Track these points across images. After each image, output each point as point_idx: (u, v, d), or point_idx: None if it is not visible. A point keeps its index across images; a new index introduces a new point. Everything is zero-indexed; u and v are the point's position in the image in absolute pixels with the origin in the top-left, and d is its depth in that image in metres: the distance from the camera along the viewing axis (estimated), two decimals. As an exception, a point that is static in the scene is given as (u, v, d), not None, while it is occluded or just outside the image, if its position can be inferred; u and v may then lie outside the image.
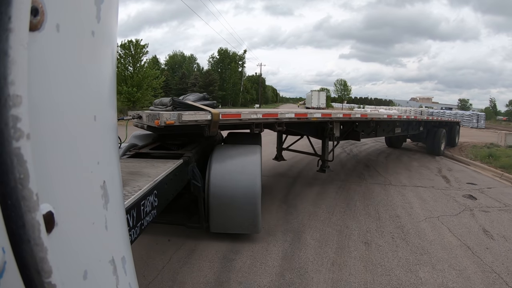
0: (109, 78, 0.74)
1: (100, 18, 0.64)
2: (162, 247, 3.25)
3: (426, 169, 7.53)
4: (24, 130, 0.40)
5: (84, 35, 0.60)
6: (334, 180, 6.00)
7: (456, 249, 3.32)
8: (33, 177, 0.41)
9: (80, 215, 0.58)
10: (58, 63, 0.52)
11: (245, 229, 3.37)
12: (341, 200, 4.85)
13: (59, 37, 0.51)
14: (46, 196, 0.46)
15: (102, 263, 0.64)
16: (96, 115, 0.65)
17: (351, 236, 3.55)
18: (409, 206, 4.63)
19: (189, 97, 3.71)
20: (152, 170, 2.40)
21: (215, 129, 3.14)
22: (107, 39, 0.71)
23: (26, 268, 0.40)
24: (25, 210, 0.39)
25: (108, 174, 0.71)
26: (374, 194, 5.19)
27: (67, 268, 0.51)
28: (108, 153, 0.73)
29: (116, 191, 0.75)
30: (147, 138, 3.98)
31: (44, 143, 0.48)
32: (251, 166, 3.30)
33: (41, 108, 0.48)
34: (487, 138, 16.01)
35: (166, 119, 2.68)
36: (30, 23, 0.42)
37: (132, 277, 0.77)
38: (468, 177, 6.88)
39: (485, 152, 9.70)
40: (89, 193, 0.62)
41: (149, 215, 1.93)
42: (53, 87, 0.51)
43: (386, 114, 6.65)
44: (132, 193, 1.77)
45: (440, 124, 10.80)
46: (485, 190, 5.82)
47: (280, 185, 5.62)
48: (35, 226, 0.41)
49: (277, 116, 4.06)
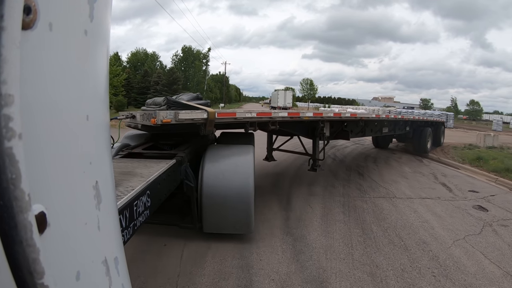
0: (102, 77, 0.74)
1: (93, 17, 0.64)
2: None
3: (421, 175, 7.36)
4: (16, 130, 0.39)
5: (77, 34, 0.60)
6: (333, 195, 5.36)
7: (502, 281, 2.96)
8: (25, 178, 0.40)
9: (73, 215, 0.57)
10: (50, 62, 0.52)
11: (238, 229, 3.37)
12: (353, 223, 4.15)
13: (52, 36, 0.51)
14: (38, 196, 0.46)
15: (95, 264, 0.63)
16: (89, 114, 0.65)
17: (388, 281, 2.88)
18: (429, 225, 4.18)
19: (183, 96, 3.70)
20: (145, 170, 2.39)
21: (211, 128, 3.14)
22: (100, 38, 0.70)
23: (18, 269, 0.39)
24: (17, 211, 0.39)
25: (101, 174, 0.70)
26: (384, 212, 4.62)
27: (60, 269, 0.51)
28: (100, 153, 0.72)
29: (109, 191, 0.75)
30: (139, 138, 3.94)
31: (37, 143, 0.48)
32: (244, 166, 3.31)
33: (34, 108, 0.47)
34: (462, 138, 16.20)
35: (162, 117, 2.67)
36: (23, 22, 0.41)
37: (125, 278, 0.77)
38: (466, 184, 6.74)
39: (471, 154, 9.79)
40: (81, 194, 0.62)
41: (142, 216, 1.91)
42: (46, 86, 0.51)
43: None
44: (124, 194, 1.76)
45: (426, 124, 11.10)
46: (490, 198, 5.66)
47: (273, 204, 4.80)
48: (28, 227, 0.40)
49: (270, 115, 4.10)
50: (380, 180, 6.67)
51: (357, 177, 6.81)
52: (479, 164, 8.46)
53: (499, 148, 12.49)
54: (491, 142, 12.79)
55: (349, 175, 7.02)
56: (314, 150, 5.73)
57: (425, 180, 6.91)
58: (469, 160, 8.94)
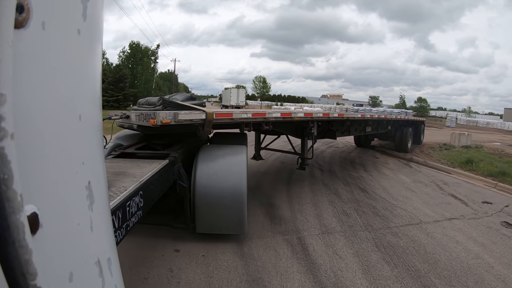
0: (95, 77, 0.73)
1: (86, 16, 0.63)
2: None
3: (423, 185, 6.81)
4: (8, 130, 0.39)
5: (70, 33, 0.59)
6: (355, 230, 4.16)
7: None
8: (17, 178, 0.40)
9: (65, 216, 0.57)
10: (43, 61, 0.51)
11: (231, 229, 3.37)
12: (409, 279, 3.03)
13: (45, 35, 0.50)
14: (31, 197, 0.45)
15: (88, 264, 0.63)
16: (81, 114, 0.64)
17: None
18: (484, 262, 3.47)
19: (177, 96, 3.68)
20: (138, 170, 2.37)
21: (209, 128, 3.14)
22: (93, 37, 0.70)
23: (11, 271, 0.39)
24: (10, 212, 0.38)
25: (93, 174, 0.70)
26: (428, 249, 3.71)
27: (53, 270, 0.50)
28: (93, 153, 0.72)
29: (101, 191, 0.74)
30: (132, 138, 3.91)
31: (29, 143, 0.47)
32: (237, 166, 3.31)
33: (26, 107, 0.47)
34: (432, 137, 16.28)
35: (162, 118, 2.66)
36: (15, 20, 0.41)
37: (118, 279, 0.76)
38: (473, 193, 6.33)
39: (456, 156, 9.73)
40: (74, 194, 0.61)
41: (135, 216, 1.90)
42: (38, 85, 0.50)
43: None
44: (117, 194, 1.74)
45: (407, 123, 11.47)
46: (507, 210, 5.34)
47: (280, 247, 3.50)
48: (20, 228, 0.40)
49: (265, 116, 4.14)
50: (389, 196, 5.81)
51: (362, 195, 5.80)
52: (471, 168, 8.25)
53: (474, 147, 12.67)
54: (465, 141, 12.96)
55: (351, 192, 5.96)
56: (303, 149, 5.88)
57: (432, 191, 6.37)
58: (459, 163, 8.79)
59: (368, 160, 9.49)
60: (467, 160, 8.82)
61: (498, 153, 11.86)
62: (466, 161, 8.80)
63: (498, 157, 10.41)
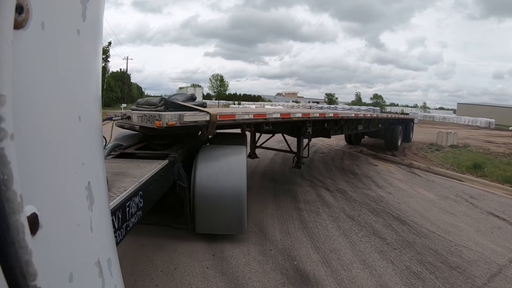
0: (95, 77, 0.73)
1: (86, 17, 0.63)
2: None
3: (453, 202, 5.59)
4: (8, 130, 0.39)
5: (69, 33, 0.59)
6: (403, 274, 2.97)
7: None
8: (17, 178, 0.40)
9: (65, 216, 0.57)
10: (42, 61, 0.51)
11: (231, 229, 3.37)
12: None
13: (44, 36, 0.50)
14: (30, 197, 0.45)
15: (88, 265, 0.63)
16: (81, 115, 0.64)
17: None
18: None
19: (177, 97, 3.67)
20: (138, 170, 2.37)
21: (213, 129, 3.14)
22: (92, 37, 0.70)
23: (11, 271, 0.39)
24: (9, 212, 0.38)
25: (93, 175, 0.70)
26: None
27: (53, 271, 0.50)
28: (93, 153, 0.72)
29: (101, 192, 0.74)
30: (132, 139, 3.91)
31: (29, 143, 0.47)
32: (237, 167, 3.31)
33: (26, 108, 0.47)
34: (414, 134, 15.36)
35: (168, 120, 2.66)
36: (15, 21, 0.41)
37: (118, 279, 0.76)
38: (507, 207, 5.34)
39: (453, 158, 9.39)
40: (73, 194, 0.61)
41: (135, 216, 1.90)
42: (38, 86, 0.50)
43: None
44: (117, 194, 1.74)
45: (397, 121, 11.70)
46: None
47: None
48: (20, 228, 0.40)
49: (265, 116, 4.19)
50: (435, 227, 4.31)
51: (406, 231, 4.12)
52: (482, 173, 7.61)
53: (463, 146, 12.64)
54: (452, 141, 12.92)
55: (390, 227, 4.23)
56: (299, 148, 5.96)
57: (469, 211, 5.12)
58: (466, 168, 8.11)
59: (370, 170, 8.05)
60: (474, 165, 8.16)
61: (490, 152, 11.86)
62: (473, 165, 8.16)
63: (493, 157, 10.36)
